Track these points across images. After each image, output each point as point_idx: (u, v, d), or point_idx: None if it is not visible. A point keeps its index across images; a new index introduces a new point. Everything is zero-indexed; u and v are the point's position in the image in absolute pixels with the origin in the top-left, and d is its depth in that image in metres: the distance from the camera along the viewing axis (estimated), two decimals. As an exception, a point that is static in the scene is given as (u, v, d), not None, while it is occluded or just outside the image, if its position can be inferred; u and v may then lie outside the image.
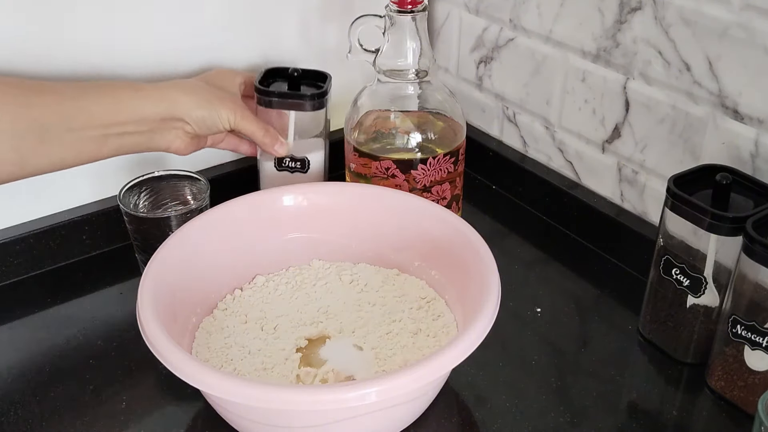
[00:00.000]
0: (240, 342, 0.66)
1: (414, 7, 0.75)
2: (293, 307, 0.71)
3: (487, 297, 0.61)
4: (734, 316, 0.62)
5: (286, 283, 0.74)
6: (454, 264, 0.69)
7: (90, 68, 0.79)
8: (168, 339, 0.56)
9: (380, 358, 0.65)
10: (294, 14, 0.91)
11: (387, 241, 0.75)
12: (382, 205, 0.74)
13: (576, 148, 0.87)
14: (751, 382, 0.63)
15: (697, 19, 0.69)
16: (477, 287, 0.63)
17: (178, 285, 0.65)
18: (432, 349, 0.65)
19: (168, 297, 0.63)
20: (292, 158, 0.82)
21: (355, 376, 0.63)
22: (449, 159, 0.79)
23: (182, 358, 0.54)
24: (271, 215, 0.74)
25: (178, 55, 0.84)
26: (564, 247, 0.86)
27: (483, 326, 0.58)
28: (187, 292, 0.67)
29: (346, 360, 0.65)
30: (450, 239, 0.70)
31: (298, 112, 0.81)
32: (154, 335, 0.56)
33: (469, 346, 0.56)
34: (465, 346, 0.56)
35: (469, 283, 0.66)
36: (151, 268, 0.63)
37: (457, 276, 0.69)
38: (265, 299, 0.72)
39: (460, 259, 0.68)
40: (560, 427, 0.63)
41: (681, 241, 0.66)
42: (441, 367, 0.55)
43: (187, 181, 0.78)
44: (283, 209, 0.74)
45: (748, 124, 0.69)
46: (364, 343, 0.67)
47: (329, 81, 0.82)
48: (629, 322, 0.74)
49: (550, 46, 0.85)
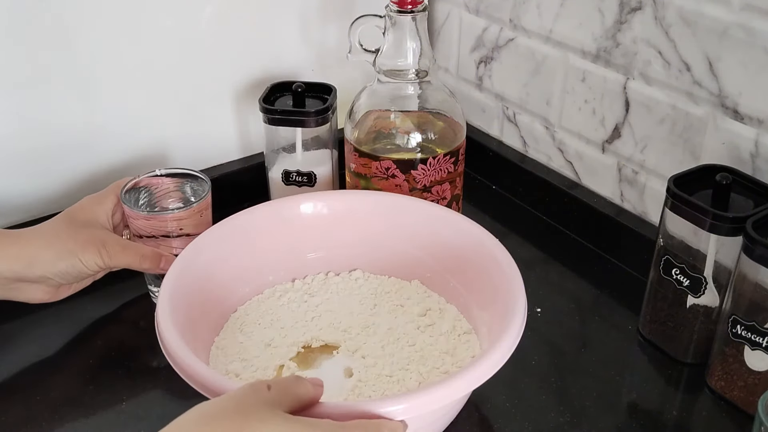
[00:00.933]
0: (249, 356, 0.66)
1: (414, 7, 0.75)
2: (304, 317, 0.70)
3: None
4: (734, 316, 0.62)
5: (301, 294, 0.73)
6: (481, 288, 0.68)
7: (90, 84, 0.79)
8: (195, 360, 0.55)
9: (365, 384, 0.63)
10: (294, 14, 0.91)
11: (407, 250, 0.73)
12: (402, 214, 0.73)
13: (576, 148, 0.87)
14: (751, 382, 0.63)
15: (697, 19, 0.69)
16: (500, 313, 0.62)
17: (195, 300, 0.65)
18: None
19: (185, 313, 0.62)
20: (298, 172, 0.82)
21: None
22: (449, 159, 0.79)
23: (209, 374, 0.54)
24: (284, 225, 0.73)
25: (177, 54, 0.84)
26: (564, 247, 0.86)
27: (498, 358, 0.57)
28: (202, 306, 0.66)
29: (333, 383, 0.63)
30: (477, 256, 0.68)
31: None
32: (184, 361, 0.55)
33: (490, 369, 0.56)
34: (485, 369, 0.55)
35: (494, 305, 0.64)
36: (167, 287, 0.62)
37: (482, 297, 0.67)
38: (275, 310, 0.71)
39: (488, 283, 0.66)
40: (560, 427, 0.63)
41: (681, 241, 0.66)
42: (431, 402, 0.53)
43: (189, 179, 0.77)
44: (297, 218, 0.73)
45: (748, 124, 0.69)
46: (363, 365, 0.64)
47: (334, 94, 0.83)
48: (629, 322, 0.74)
49: (550, 46, 0.85)
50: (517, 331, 0.58)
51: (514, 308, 0.60)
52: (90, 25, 0.78)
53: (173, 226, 0.71)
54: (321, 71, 0.95)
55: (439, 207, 0.74)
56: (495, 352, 0.56)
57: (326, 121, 0.81)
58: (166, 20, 0.82)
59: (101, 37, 0.79)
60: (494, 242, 0.67)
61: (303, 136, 0.83)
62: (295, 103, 0.82)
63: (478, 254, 0.68)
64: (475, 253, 0.68)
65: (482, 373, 0.55)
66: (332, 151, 0.84)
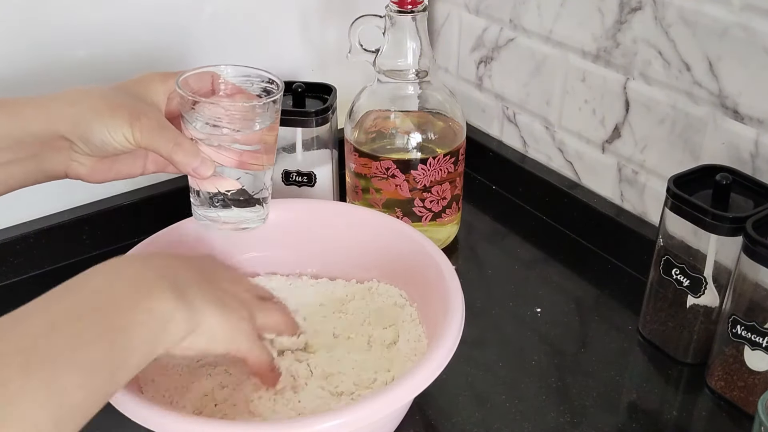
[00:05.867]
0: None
1: (414, 7, 0.75)
2: None
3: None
4: (734, 316, 0.62)
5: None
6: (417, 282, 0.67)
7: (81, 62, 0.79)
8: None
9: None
10: (294, 14, 0.91)
11: (347, 256, 0.72)
12: (342, 222, 0.72)
13: (576, 148, 0.87)
14: (751, 382, 0.63)
15: (697, 19, 0.69)
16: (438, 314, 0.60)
17: None
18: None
19: None
20: (298, 172, 0.82)
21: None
22: (449, 159, 0.79)
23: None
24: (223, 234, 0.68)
25: (177, 54, 0.84)
26: (564, 247, 0.86)
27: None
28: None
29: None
30: (413, 256, 0.67)
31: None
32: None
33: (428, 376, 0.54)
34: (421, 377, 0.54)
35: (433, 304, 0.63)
36: None
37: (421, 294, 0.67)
38: None
39: (422, 277, 0.66)
40: (560, 427, 0.63)
41: (681, 241, 0.66)
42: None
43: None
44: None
45: (748, 124, 0.69)
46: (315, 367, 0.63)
47: (334, 94, 0.83)
48: (629, 322, 0.74)
49: (550, 46, 0.85)
50: (455, 336, 0.57)
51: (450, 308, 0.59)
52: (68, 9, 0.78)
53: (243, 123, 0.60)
54: (321, 71, 0.95)
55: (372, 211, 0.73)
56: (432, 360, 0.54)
57: (326, 121, 0.81)
58: (167, 18, 0.82)
59: (88, 48, 0.79)
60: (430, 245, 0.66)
61: (303, 136, 0.83)
62: (295, 103, 0.82)
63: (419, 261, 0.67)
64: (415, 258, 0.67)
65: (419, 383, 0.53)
66: (332, 151, 0.84)
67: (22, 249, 0.79)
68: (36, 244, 0.80)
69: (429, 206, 0.80)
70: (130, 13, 0.80)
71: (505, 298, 0.78)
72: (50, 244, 0.80)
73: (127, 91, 0.60)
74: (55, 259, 0.81)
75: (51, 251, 0.81)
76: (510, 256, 0.85)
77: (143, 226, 0.84)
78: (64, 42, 0.77)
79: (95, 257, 0.82)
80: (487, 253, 0.87)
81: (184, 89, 0.59)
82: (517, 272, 0.82)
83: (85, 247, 0.83)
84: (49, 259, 0.81)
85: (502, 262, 0.85)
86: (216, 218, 0.65)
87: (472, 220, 0.90)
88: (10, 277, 0.79)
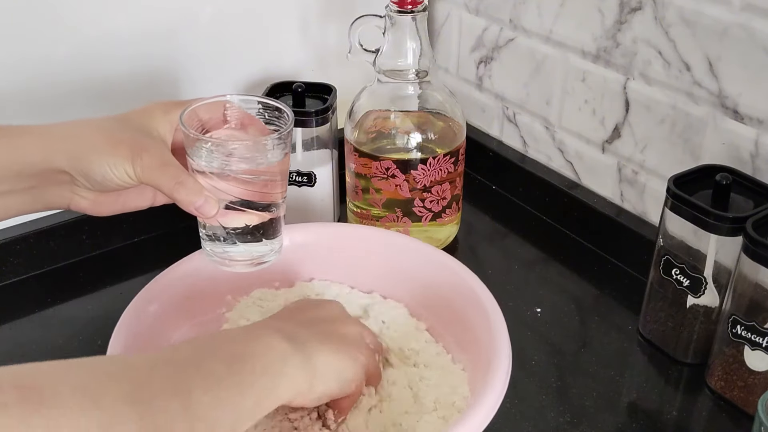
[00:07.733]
0: None
1: (414, 7, 0.75)
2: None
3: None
4: (734, 316, 0.62)
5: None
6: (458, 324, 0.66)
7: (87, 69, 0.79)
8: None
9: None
10: (294, 14, 0.91)
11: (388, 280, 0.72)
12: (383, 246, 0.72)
13: (576, 148, 0.87)
14: (751, 382, 0.63)
15: (697, 19, 0.69)
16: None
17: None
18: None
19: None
20: (298, 173, 0.82)
21: None
22: (449, 159, 0.79)
23: None
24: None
25: (177, 54, 0.84)
26: (564, 247, 0.86)
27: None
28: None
29: None
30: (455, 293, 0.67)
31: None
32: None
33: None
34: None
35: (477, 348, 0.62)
36: (118, 338, 0.59)
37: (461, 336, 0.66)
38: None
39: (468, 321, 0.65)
40: (560, 427, 0.63)
41: (681, 241, 0.66)
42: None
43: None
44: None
45: (748, 125, 0.69)
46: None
47: (334, 94, 0.83)
48: (629, 322, 0.74)
49: (550, 46, 0.85)
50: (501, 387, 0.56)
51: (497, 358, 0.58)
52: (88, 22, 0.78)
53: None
54: (321, 71, 0.95)
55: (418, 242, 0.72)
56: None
57: (326, 121, 0.81)
58: (167, 18, 0.82)
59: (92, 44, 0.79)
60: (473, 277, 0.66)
61: (303, 136, 0.82)
62: (295, 103, 0.82)
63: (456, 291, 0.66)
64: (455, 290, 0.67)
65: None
66: (332, 151, 0.84)
67: (22, 249, 0.79)
68: (36, 244, 0.80)
69: (429, 206, 0.80)
70: (130, 13, 0.80)
71: (505, 298, 0.77)
72: (50, 244, 0.80)
73: (130, 122, 0.58)
74: (55, 259, 0.81)
75: (51, 251, 0.81)
76: (510, 256, 0.85)
77: (143, 226, 0.84)
78: (67, 50, 0.78)
79: (95, 257, 0.83)
80: (487, 253, 0.87)
81: (188, 124, 0.56)
82: (517, 272, 0.82)
83: (85, 247, 0.82)
84: (49, 259, 0.81)
85: (502, 262, 0.85)
86: (224, 254, 0.61)
87: (472, 220, 0.90)
88: (10, 277, 0.79)
